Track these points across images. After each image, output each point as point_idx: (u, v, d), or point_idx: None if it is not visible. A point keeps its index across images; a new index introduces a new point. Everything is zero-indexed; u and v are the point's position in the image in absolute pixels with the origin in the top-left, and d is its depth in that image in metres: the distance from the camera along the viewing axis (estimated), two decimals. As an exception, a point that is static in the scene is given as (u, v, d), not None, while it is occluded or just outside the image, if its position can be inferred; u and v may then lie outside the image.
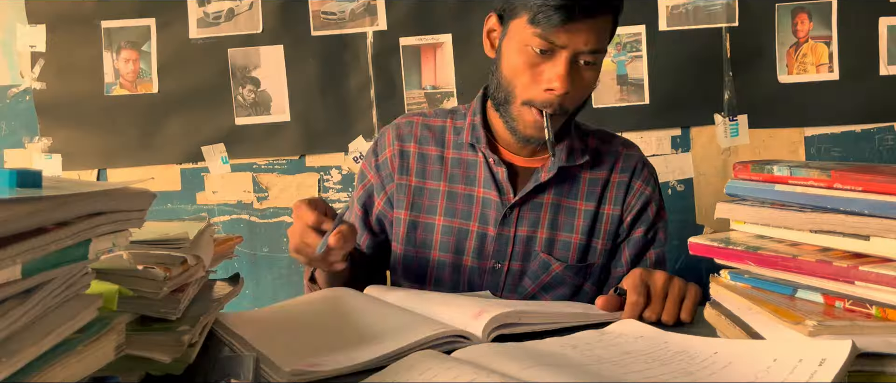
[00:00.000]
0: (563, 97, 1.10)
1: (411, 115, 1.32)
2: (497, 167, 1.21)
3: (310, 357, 0.73)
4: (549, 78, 1.09)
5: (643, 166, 1.27)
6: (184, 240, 0.75)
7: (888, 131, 2.00)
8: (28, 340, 0.49)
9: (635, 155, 1.28)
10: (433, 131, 1.28)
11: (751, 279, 0.77)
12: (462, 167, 1.24)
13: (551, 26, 1.06)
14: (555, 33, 1.06)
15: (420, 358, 0.68)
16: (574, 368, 0.65)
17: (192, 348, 0.73)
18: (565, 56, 1.08)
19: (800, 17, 1.99)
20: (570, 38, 1.07)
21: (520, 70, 1.11)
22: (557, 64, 1.08)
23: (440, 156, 1.26)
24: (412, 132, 1.28)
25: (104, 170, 2.04)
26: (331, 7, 2.01)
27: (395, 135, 1.29)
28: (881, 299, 0.65)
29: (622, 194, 1.24)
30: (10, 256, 0.47)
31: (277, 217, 2.06)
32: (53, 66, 2.01)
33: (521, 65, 1.11)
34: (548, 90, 1.10)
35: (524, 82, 1.12)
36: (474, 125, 1.24)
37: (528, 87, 1.12)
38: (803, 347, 0.61)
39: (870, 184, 0.68)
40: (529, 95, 1.12)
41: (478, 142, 1.22)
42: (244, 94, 2.03)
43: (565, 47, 1.07)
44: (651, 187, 1.26)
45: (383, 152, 1.29)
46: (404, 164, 1.26)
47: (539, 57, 1.09)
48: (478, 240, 1.21)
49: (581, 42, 1.07)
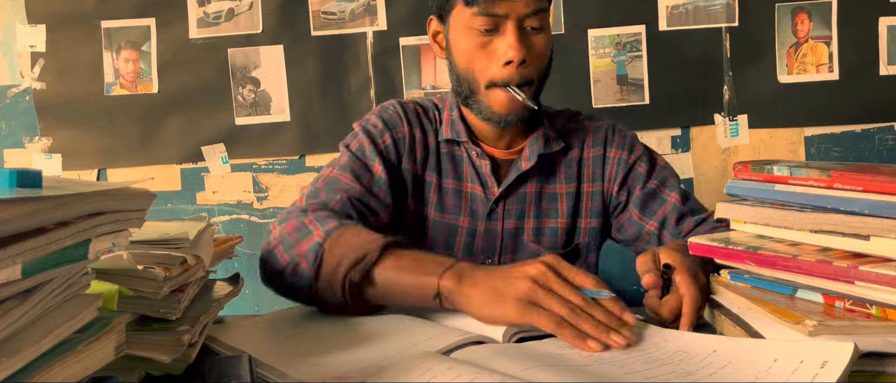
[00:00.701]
0: (522, 68, 1.07)
1: (408, 102, 1.26)
2: (480, 160, 1.18)
3: (337, 370, 0.72)
4: (503, 52, 1.07)
5: (614, 133, 1.24)
6: (184, 240, 0.75)
7: (888, 131, 2.00)
8: (28, 340, 0.49)
9: (602, 125, 1.25)
10: (431, 121, 1.23)
11: (751, 279, 0.77)
12: (451, 161, 1.21)
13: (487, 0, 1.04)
14: (492, 5, 1.05)
15: (420, 359, 0.68)
16: (574, 368, 0.65)
17: (192, 348, 0.73)
18: (511, 25, 1.06)
19: (800, 17, 1.99)
20: (509, 6, 1.05)
21: (472, 55, 1.09)
22: (506, 35, 1.06)
23: (436, 148, 1.21)
24: (418, 117, 1.22)
25: (104, 170, 2.04)
26: (331, 7, 2.01)
27: (403, 115, 1.21)
28: (881, 299, 0.65)
29: (600, 169, 1.22)
30: (10, 256, 0.46)
31: (277, 217, 2.06)
32: (53, 66, 2.01)
33: (472, 49, 1.09)
34: (506, 64, 1.07)
35: (480, 64, 1.09)
36: (453, 120, 1.20)
37: (486, 69, 1.09)
38: (805, 348, 0.61)
39: (870, 184, 0.68)
40: (489, 76, 1.09)
41: (458, 136, 1.19)
42: (244, 94, 2.03)
43: (507, 16, 1.06)
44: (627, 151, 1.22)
45: (397, 129, 1.20)
46: (412, 150, 1.20)
47: (486, 36, 1.07)
48: (468, 235, 1.19)
49: (521, 5, 1.05)
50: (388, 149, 1.17)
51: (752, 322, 0.71)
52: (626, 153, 1.22)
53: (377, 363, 0.72)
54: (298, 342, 0.85)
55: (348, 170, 1.13)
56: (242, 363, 0.70)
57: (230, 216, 2.06)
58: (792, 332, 0.65)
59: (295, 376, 0.69)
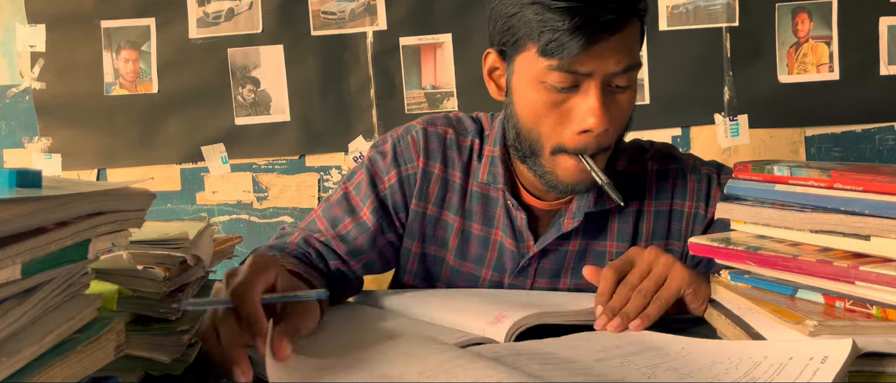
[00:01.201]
0: (600, 135, 0.89)
1: (441, 123, 1.07)
2: (516, 212, 1.01)
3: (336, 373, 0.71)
4: (581, 117, 0.88)
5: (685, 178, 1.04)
6: (184, 240, 0.75)
7: (888, 131, 2.00)
8: (28, 340, 0.49)
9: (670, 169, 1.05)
10: (461, 153, 1.05)
11: (751, 279, 0.77)
12: (482, 203, 1.04)
13: (570, 54, 0.84)
14: (576, 62, 0.85)
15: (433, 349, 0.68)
16: (574, 368, 0.65)
17: (192, 348, 0.73)
18: (595, 85, 0.87)
19: (800, 16, 1.99)
20: (596, 63, 0.85)
21: (540, 113, 0.90)
22: (588, 96, 0.87)
23: (462, 187, 1.04)
24: (441, 149, 1.04)
25: (104, 170, 2.04)
26: (331, 7, 2.01)
27: (422, 147, 1.04)
28: (881, 299, 0.65)
29: (665, 225, 1.03)
30: (10, 256, 0.46)
31: (277, 217, 2.06)
32: (53, 65, 2.01)
33: (542, 107, 0.89)
34: (583, 132, 0.89)
35: (549, 127, 0.90)
36: (493, 159, 1.02)
37: (556, 132, 0.90)
38: (804, 346, 0.61)
39: (870, 184, 0.68)
40: (559, 141, 0.91)
41: (495, 180, 1.01)
42: (244, 94, 2.03)
43: (592, 74, 0.86)
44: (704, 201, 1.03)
45: (408, 165, 1.04)
46: (424, 188, 1.04)
47: (561, 93, 0.88)
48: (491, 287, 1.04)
49: (611, 63, 0.86)
50: (391, 190, 1.04)
51: (752, 322, 0.71)
52: (703, 205, 1.03)
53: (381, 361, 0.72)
54: (298, 342, 0.85)
55: (328, 213, 1.05)
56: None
57: (230, 216, 2.06)
58: (792, 332, 0.65)
59: (294, 376, 0.69)
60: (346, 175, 1.09)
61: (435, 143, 1.05)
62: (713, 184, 1.04)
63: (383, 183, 1.05)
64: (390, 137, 1.08)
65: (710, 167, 1.07)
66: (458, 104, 2.01)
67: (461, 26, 2.00)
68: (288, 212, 2.06)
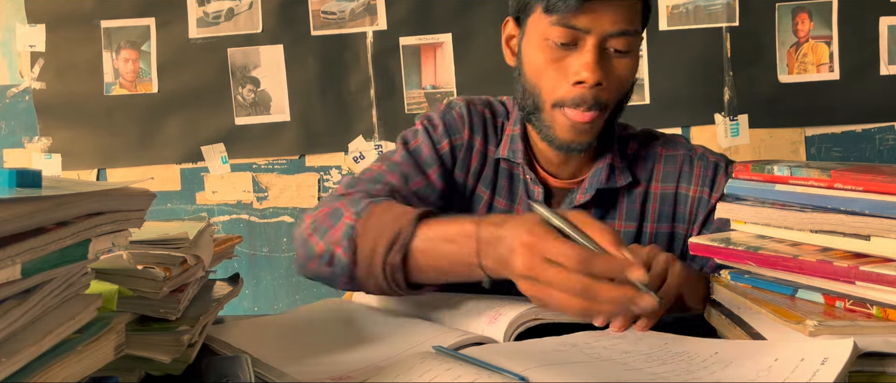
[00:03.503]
0: (596, 89, 0.95)
1: (479, 102, 1.13)
2: (533, 186, 1.06)
3: (336, 370, 0.72)
4: (576, 69, 0.94)
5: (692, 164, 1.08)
6: (183, 240, 0.75)
7: (888, 131, 2.00)
8: (28, 340, 0.49)
9: (678, 154, 1.09)
10: (496, 130, 1.11)
11: (751, 279, 0.77)
12: (508, 179, 1.09)
13: (569, 9, 0.92)
14: (574, 17, 0.92)
15: (420, 359, 0.68)
16: (574, 368, 0.65)
17: (192, 348, 0.73)
18: (591, 42, 0.94)
19: (800, 16, 1.99)
20: (593, 21, 0.93)
21: (542, 68, 0.98)
22: (583, 52, 0.94)
23: (495, 162, 1.09)
24: (482, 124, 1.10)
25: (104, 170, 2.04)
26: (331, 7, 2.01)
27: (467, 119, 1.10)
28: (882, 299, 0.65)
29: (670, 208, 1.07)
30: (9, 256, 0.46)
31: (277, 217, 2.06)
32: (53, 65, 2.01)
33: (543, 62, 0.97)
34: (577, 84, 0.95)
35: (550, 81, 0.98)
36: (513, 136, 1.08)
37: (555, 86, 0.97)
38: (804, 347, 0.61)
39: (870, 184, 0.68)
40: (558, 95, 0.97)
41: (514, 155, 1.07)
42: (244, 94, 2.03)
43: (589, 32, 0.93)
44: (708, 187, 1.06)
45: (457, 135, 1.09)
46: (466, 159, 1.09)
47: (562, 50, 0.95)
48: None
49: (607, 23, 0.93)
50: (445, 155, 1.08)
51: (752, 322, 0.71)
52: (707, 190, 1.06)
53: (376, 363, 0.72)
54: (298, 342, 0.85)
55: (397, 170, 1.04)
56: (241, 363, 0.70)
57: (230, 216, 2.06)
58: (792, 332, 0.65)
59: (294, 376, 0.69)
60: (401, 139, 1.10)
61: (477, 119, 1.11)
62: (719, 171, 1.08)
63: (438, 150, 1.08)
64: (435, 113, 1.12)
65: (718, 157, 1.10)
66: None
67: (461, 26, 2.00)
68: (288, 212, 2.06)
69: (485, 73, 1.99)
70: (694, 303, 0.84)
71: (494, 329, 0.78)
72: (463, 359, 0.67)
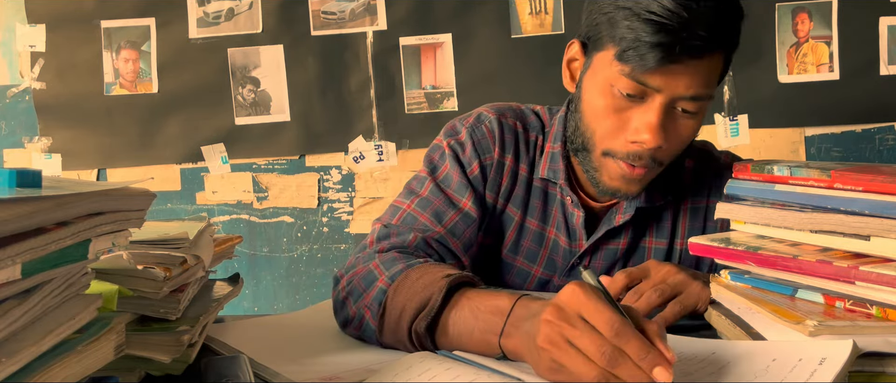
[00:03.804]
0: (653, 151, 0.90)
1: (510, 115, 1.06)
2: (573, 209, 1.01)
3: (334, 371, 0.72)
4: (637, 128, 0.89)
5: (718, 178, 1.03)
6: (184, 240, 0.75)
7: (888, 131, 2.00)
8: (28, 340, 0.49)
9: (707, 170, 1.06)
10: (528, 148, 1.05)
11: (751, 279, 0.77)
12: (542, 199, 1.04)
13: (645, 68, 0.85)
14: (648, 75, 0.86)
15: (419, 359, 0.68)
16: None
17: (192, 348, 0.73)
18: (660, 102, 0.87)
19: (800, 16, 1.99)
20: (667, 82, 0.86)
21: (601, 114, 0.91)
22: (649, 111, 0.88)
23: (527, 181, 1.04)
24: (514, 142, 1.04)
25: (104, 170, 2.04)
26: (331, 7, 2.01)
27: (498, 136, 1.03)
28: (881, 299, 0.65)
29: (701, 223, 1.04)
30: (9, 256, 0.46)
31: (277, 217, 2.06)
32: (53, 65, 2.01)
33: (604, 108, 0.91)
34: (634, 142, 0.90)
35: (606, 129, 0.92)
36: (553, 155, 1.03)
37: (611, 136, 0.92)
38: (803, 347, 0.61)
39: (870, 184, 0.68)
40: (611, 146, 0.92)
41: (555, 176, 1.01)
42: (244, 94, 2.03)
43: (660, 91, 0.87)
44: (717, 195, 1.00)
45: (486, 155, 1.03)
46: (497, 179, 1.03)
47: (626, 100, 0.89)
48: (538, 287, 1.04)
49: (681, 87, 0.86)
50: (476, 180, 1.02)
51: (752, 322, 0.71)
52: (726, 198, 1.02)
53: (375, 364, 0.72)
54: (297, 343, 0.85)
55: (428, 208, 0.99)
56: (240, 363, 0.70)
57: (230, 216, 2.06)
58: (792, 333, 0.65)
59: (293, 376, 0.69)
60: (428, 167, 1.04)
61: (509, 136, 1.04)
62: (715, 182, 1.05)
63: (468, 174, 1.02)
64: (462, 127, 1.05)
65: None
66: (458, 104, 2.01)
67: (461, 26, 2.00)
68: (288, 212, 2.06)
69: (485, 73, 1.99)
70: (702, 306, 0.85)
71: None
72: (461, 360, 0.67)
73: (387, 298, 0.79)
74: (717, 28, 0.85)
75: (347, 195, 2.04)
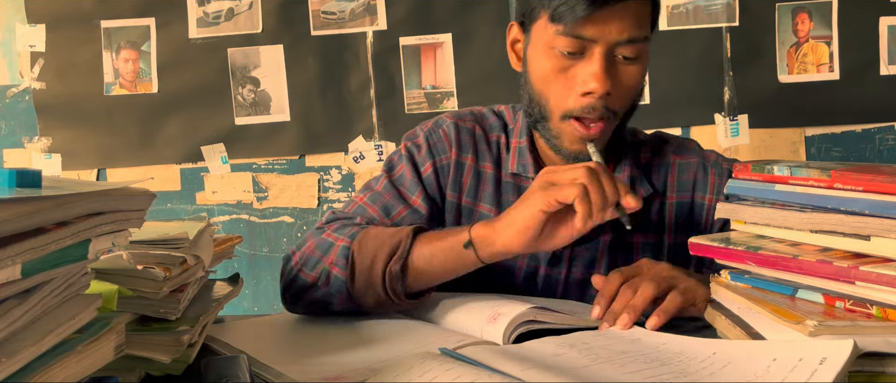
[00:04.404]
0: (604, 98, 0.93)
1: (469, 118, 1.10)
2: None
3: (334, 371, 0.72)
4: (584, 79, 0.92)
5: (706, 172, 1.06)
6: (183, 240, 0.75)
7: (888, 131, 2.00)
8: (28, 340, 0.49)
9: (691, 162, 1.08)
10: (490, 148, 1.08)
11: (751, 279, 0.77)
12: (515, 193, 1.06)
13: (575, 19, 0.89)
14: (581, 26, 0.90)
15: (420, 359, 0.68)
16: (573, 368, 0.65)
17: (192, 348, 0.73)
18: (599, 51, 0.91)
19: (800, 16, 1.99)
20: (600, 30, 0.90)
21: (549, 78, 0.95)
22: (591, 62, 0.92)
23: (495, 177, 1.06)
24: (472, 142, 1.07)
25: (104, 170, 2.04)
26: (331, 7, 2.01)
27: (454, 138, 1.07)
28: (882, 299, 0.65)
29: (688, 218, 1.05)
30: (9, 256, 0.46)
31: (277, 217, 2.06)
32: (53, 65, 2.01)
33: (550, 71, 0.94)
34: (585, 94, 0.93)
35: (557, 91, 0.95)
36: (521, 150, 1.05)
37: (563, 96, 0.95)
38: (804, 347, 0.61)
39: (870, 184, 0.68)
40: (566, 105, 0.95)
41: (525, 170, 1.04)
42: (244, 94, 2.03)
43: (596, 41, 0.91)
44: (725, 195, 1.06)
45: (442, 155, 1.07)
46: (458, 179, 1.06)
47: (568, 58, 0.93)
48: (525, 278, 1.05)
49: (614, 31, 0.90)
50: (428, 180, 1.06)
51: (752, 322, 0.71)
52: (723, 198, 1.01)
53: (375, 364, 0.72)
54: (297, 342, 0.85)
55: (379, 201, 1.04)
56: (240, 363, 0.70)
57: (230, 216, 2.06)
58: (792, 333, 0.65)
59: (292, 376, 0.69)
60: (385, 166, 1.09)
61: (466, 137, 1.08)
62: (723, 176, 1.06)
63: (421, 174, 1.07)
64: (421, 131, 1.10)
65: (730, 163, 1.09)
66: (458, 104, 2.01)
67: (461, 26, 2.00)
68: (288, 212, 2.06)
69: (485, 73, 1.99)
70: (695, 311, 0.84)
71: (494, 328, 0.78)
72: (462, 360, 0.67)
73: (353, 252, 0.89)
74: None
75: (347, 195, 2.04)
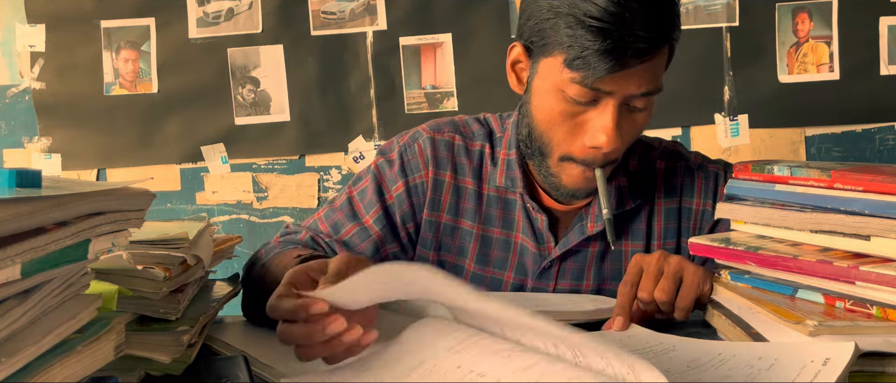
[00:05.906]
0: (609, 152, 0.90)
1: (448, 129, 1.06)
2: (536, 214, 1.00)
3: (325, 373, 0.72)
4: (593, 133, 0.89)
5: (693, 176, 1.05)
6: (183, 240, 0.75)
7: (888, 131, 2.00)
8: (28, 340, 0.49)
9: (678, 167, 1.06)
10: (472, 158, 1.04)
11: (751, 279, 0.77)
12: (500, 207, 1.03)
13: (595, 76, 0.84)
14: (600, 81, 0.85)
15: None
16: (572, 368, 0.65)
17: (192, 348, 0.73)
18: (613, 104, 0.87)
19: (800, 16, 1.99)
20: (618, 84, 0.86)
21: (556, 121, 0.91)
22: (603, 114, 0.88)
23: (476, 192, 1.03)
24: (450, 157, 1.04)
25: (103, 170, 2.04)
26: (330, 7, 2.01)
27: (430, 155, 1.03)
28: (882, 299, 0.65)
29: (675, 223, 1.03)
30: (9, 256, 0.46)
31: (277, 217, 2.06)
32: (53, 65, 2.01)
33: (558, 115, 0.90)
34: (592, 147, 0.90)
35: (561, 135, 0.92)
36: (509, 163, 1.02)
37: (567, 141, 0.92)
38: (806, 348, 0.61)
39: (870, 184, 0.68)
40: (568, 150, 0.92)
41: (513, 184, 1.01)
42: (244, 94, 2.03)
43: (612, 94, 0.87)
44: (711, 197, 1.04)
45: (416, 174, 1.04)
46: (437, 198, 1.03)
47: (579, 105, 0.89)
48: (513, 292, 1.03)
49: (633, 86, 0.86)
50: (399, 199, 1.03)
51: (752, 322, 0.71)
52: (711, 202, 1.03)
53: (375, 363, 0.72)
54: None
55: (331, 218, 1.04)
56: (239, 363, 0.70)
57: (230, 216, 2.06)
58: (793, 333, 0.65)
59: (292, 376, 0.69)
60: (352, 179, 1.08)
61: (443, 152, 1.04)
62: (720, 180, 1.05)
63: (390, 192, 1.04)
64: (397, 145, 1.07)
65: (717, 165, 1.08)
66: (458, 104, 2.01)
67: (461, 26, 2.00)
68: (288, 212, 2.06)
69: (485, 73, 1.99)
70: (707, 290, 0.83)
71: None
72: None
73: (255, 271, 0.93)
74: (659, 24, 0.85)
75: (347, 195, 2.04)
